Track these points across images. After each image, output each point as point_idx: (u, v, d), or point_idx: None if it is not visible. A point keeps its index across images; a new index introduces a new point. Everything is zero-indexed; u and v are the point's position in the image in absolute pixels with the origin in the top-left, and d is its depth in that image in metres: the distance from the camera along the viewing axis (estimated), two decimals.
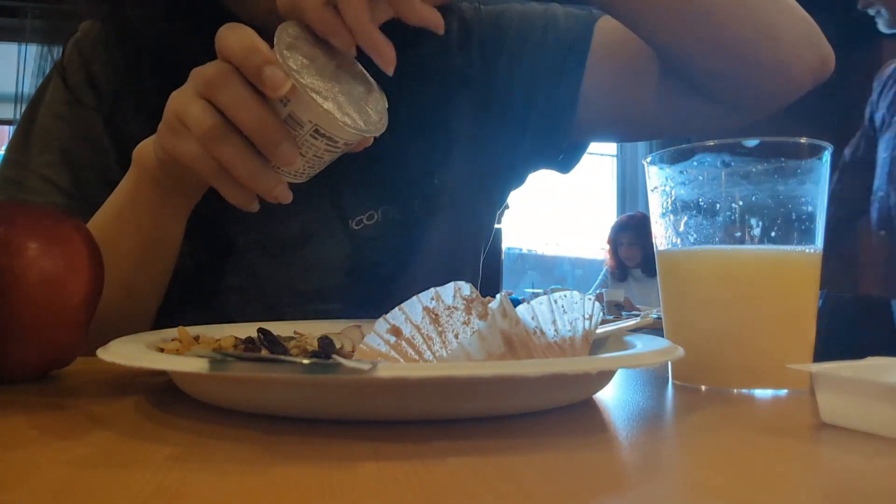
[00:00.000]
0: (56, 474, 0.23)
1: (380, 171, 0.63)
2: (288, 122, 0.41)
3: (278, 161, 0.41)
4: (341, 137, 0.41)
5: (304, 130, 0.41)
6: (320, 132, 0.41)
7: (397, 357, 0.35)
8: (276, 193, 0.43)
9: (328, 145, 0.42)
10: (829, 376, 0.30)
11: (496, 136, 0.68)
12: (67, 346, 0.39)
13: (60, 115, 0.64)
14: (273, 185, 0.43)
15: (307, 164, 0.43)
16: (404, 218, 0.64)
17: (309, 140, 0.41)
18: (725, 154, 0.41)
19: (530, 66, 0.66)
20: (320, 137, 0.41)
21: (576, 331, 0.36)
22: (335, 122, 0.40)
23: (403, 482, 0.22)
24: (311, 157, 0.42)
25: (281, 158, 0.41)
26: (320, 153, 0.43)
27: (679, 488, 0.23)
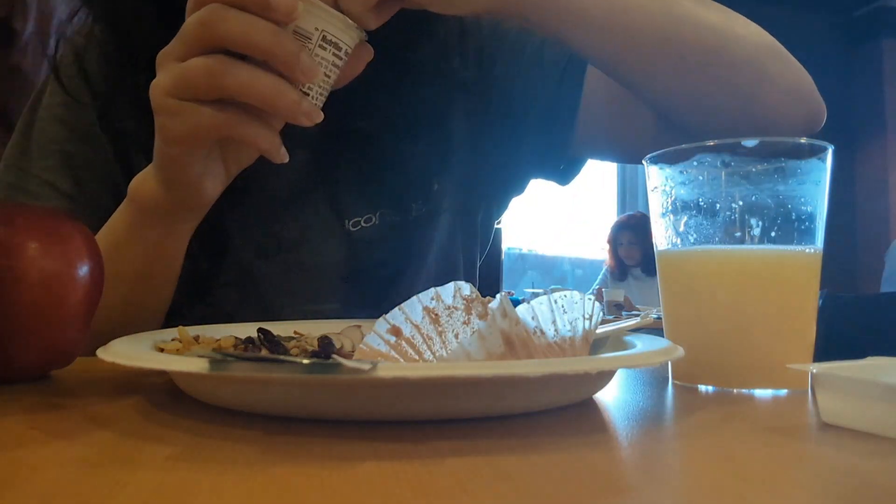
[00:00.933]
0: (56, 474, 0.23)
1: (378, 175, 0.63)
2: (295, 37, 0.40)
3: (302, 74, 0.40)
4: (344, 42, 0.41)
5: (312, 42, 0.41)
6: (327, 39, 0.41)
7: (397, 357, 0.35)
8: (304, 108, 0.41)
9: (335, 56, 0.42)
10: (829, 376, 0.30)
11: (494, 142, 0.68)
12: (67, 346, 0.39)
13: (59, 118, 0.64)
14: (298, 97, 0.41)
15: (321, 87, 0.42)
16: (402, 222, 0.64)
17: (319, 53, 0.41)
18: (725, 154, 0.41)
19: (528, 74, 0.66)
20: (327, 46, 0.41)
21: (576, 331, 0.36)
22: (340, 22, 0.40)
23: (403, 482, 0.22)
24: (322, 76, 0.42)
25: (304, 70, 0.40)
26: (328, 68, 0.42)
27: (679, 488, 0.23)
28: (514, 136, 0.68)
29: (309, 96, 0.42)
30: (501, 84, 0.67)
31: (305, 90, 0.42)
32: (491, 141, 0.68)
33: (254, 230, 0.63)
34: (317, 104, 0.43)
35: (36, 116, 0.65)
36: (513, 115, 0.67)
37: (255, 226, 0.63)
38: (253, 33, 0.39)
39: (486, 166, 0.70)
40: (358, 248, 0.63)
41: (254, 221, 0.63)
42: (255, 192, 0.62)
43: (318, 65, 0.41)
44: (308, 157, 0.64)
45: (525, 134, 0.67)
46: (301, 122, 0.41)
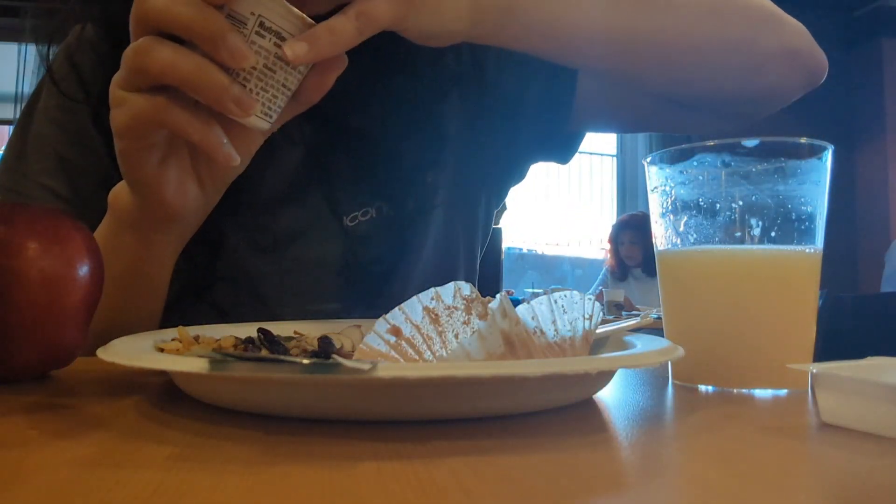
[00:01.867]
0: (56, 474, 0.23)
1: (374, 168, 0.63)
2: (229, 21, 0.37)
3: (228, 54, 0.37)
4: (289, 32, 0.38)
5: (247, 28, 0.37)
6: (266, 26, 0.38)
7: (397, 357, 0.35)
8: (233, 93, 0.38)
9: (277, 47, 0.38)
10: (829, 376, 0.30)
11: (492, 131, 0.68)
12: (67, 346, 0.39)
13: (55, 121, 0.64)
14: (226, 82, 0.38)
15: (261, 80, 0.39)
16: (399, 214, 0.64)
17: (255, 40, 0.38)
18: (725, 154, 0.41)
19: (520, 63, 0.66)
20: (266, 34, 0.38)
21: (576, 331, 0.36)
22: (278, 7, 0.37)
23: (403, 482, 0.22)
24: (262, 67, 0.39)
25: (231, 49, 0.37)
26: (269, 59, 0.39)
27: (679, 488, 0.23)
28: (511, 121, 0.68)
29: (246, 88, 0.39)
30: (497, 73, 0.67)
31: (242, 80, 0.39)
32: (488, 130, 0.68)
33: (250, 227, 0.63)
34: (257, 99, 0.39)
35: (32, 119, 0.65)
36: (510, 101, 0.67)
37: (251, 222, 0.63)
38: (177, 8, 0.37)
39: (485, 156, 0.70)
40: (354, 243, 0.63)
41: (250, 218, 0.63)
42: (251, 188, 0.62)
43: (256, 52, 0.38)
44: (303, 154, 0.64)
45: (523, 117, 0.67)
46: (230, 109, 0.38)
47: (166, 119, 0.40)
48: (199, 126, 0.40)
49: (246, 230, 0.63)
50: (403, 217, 0.64)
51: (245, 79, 0.39)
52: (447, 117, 0.67)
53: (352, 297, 0.64)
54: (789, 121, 4.22)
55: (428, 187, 0.65)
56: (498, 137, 0.69)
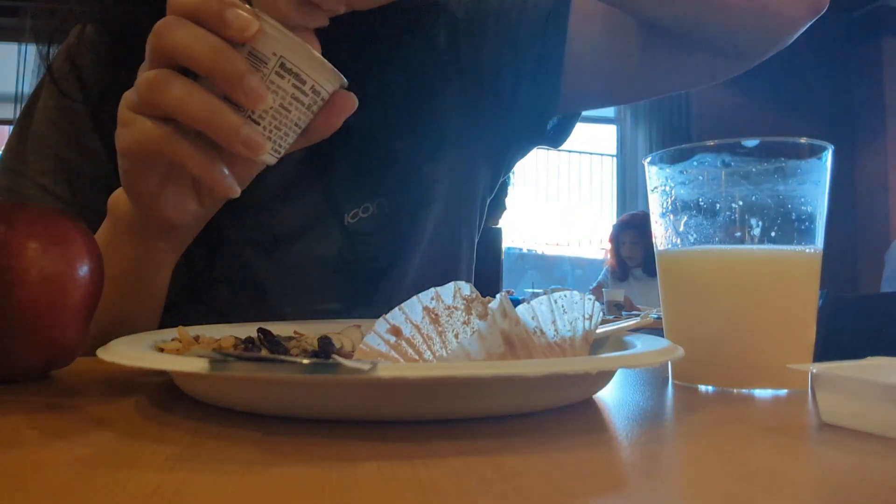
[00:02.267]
0: (56, 474, 0.23)
1: (372, 165, 0.63)
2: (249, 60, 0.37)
3: (245, 95, 0.37)
4: (311, 77, 0.38)
5: (268, 67, 0.37)
6: (287, 67, 0.37)
7: (397, 357, 0.35)
8: (244, 134, 0.38)
9: (296, 89, 0.38)
10: (829, 376, 0.30)
11: (487, 117, 0.69)
12: (67, 346, 0.39)
13: (54, 122, 0.64)
14: (238, 122, 0.38)
15: (276, 119, 0.39)
16: (399, 210, 0.64)
17: (275, 80, 0.37)
18: (725, 154, 0.41)
19: (513, 42, 0.66)
20: (286, 75, 0.38)
21: (576, 331, 0.36)
22: (302, 51, 0.37)
23: (403, 482, 0.22)
24: (278, 107, 0.38)
25: (248, 90, 0.37)
26: (287, 100, 0.38)
27: (679, 488, 0.23)
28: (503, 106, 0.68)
29: (259, 126, 0.38)
30: (493, 61, 0.67)
31: (256, 118, 0.38)
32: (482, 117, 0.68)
33: (249, 226, 0.63)
34: (270, 137, 0.39)
35: (31, 120, 0.65)
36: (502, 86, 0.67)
37: (251, 222, 0.63)
38: (196, 46, 0.37)
39: (481, 147, 0.70)
40: (355, 240, 0.63)
41: (249, 217, 0.63)
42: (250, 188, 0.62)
43: (273, 92, 0.38)
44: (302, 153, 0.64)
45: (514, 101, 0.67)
46: (239, 150, 0.38)
47: (168, 150, 0.40)
48: (200, 160, 0.40)
49: (246, 230, 0.63)
50: (403, 212, 0.64)
51: (260, 117, 0.38)
52: (445, 111, 0.67)
53: (353, 294, 0.64)
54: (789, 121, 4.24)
55: (426, 181, 0.66)
56: (494, 128, 0.69)
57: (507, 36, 0.66)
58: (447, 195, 0.68)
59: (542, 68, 0.66)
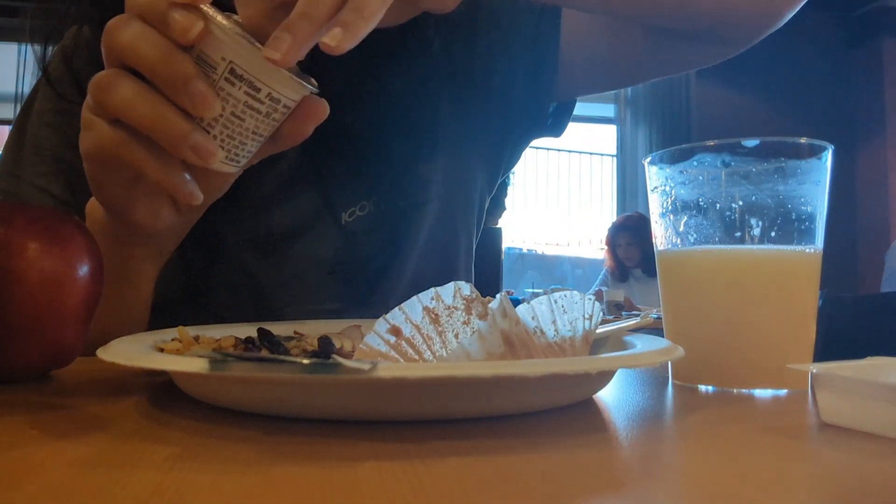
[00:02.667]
0: (56, 474, 0.23)
1: (367, 164, 0.63)
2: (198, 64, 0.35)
3: (190, 100, 0.35)
4: (263, 82, 0.36)
5: (217, 73, 0.35)
6: (236, 73, 0.35)
7: (397, 357, 0.35)
8: (193, 140, 0.36)
9: (249, 97, 0.36)
10: (829, 376, 0.30)
11: (483, 115, 0.69)
12: (67, 346, 0.39)
13: (51, 124, 0.64)
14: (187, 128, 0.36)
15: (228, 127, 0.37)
16: (394, 209, 0.64)
17: (225, 87, 0.35)
18: (725, 154, 0.41)
19: (506, 38, 0.66)
20: (236, 82, 0.35)
21: (576, 331, 0.36)
22: (253, 57, 0.35)
23: (403, 482, 0.22)
24: (230, 115, 0.36)
25: (194, 95, 0.35)
26: (239, 108, 0.36)
27: (679, 488, 0.23)
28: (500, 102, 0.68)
29: (210, 134, 0.36)
30: (487, 59, 0.67)
31: (206, 126, 0.36)
32: (478, 114, 0.68)
33: (247, 227, 0.63)
34: (222, 145, 0.37)
35: (28, 123, 0.65)
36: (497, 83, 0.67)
37: (248, 223, 0.63)
38: (142, 46, 0.35)
39: (479, 146, 0.70)
40: (351, 240, 0.63)
41: (247, 219, 0.63)
42: (246, 190, 0.62)
43: (223, 99, 0.35)
44: (297, 154, 0.64)
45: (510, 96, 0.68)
46: (188, 157, 0.36)
47: (124, 154, 0.38)
48: (156, 165, 0.38)
49: (243, 231, 0.63)
50: (399, 211, 0.64)
51: (210, 125, 0.36)
52: (440, 110, 0.67)
53: (351, 295, 0.64)
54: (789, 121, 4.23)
55: (422, 181, 0.65)
56: (491, 125, 0.69)
57: (500, 31, 0.67)
58: (443, 195, 0.68)
59: (537, 62, 0.66)
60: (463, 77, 0.67)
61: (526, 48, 0.66)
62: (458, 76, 0.67)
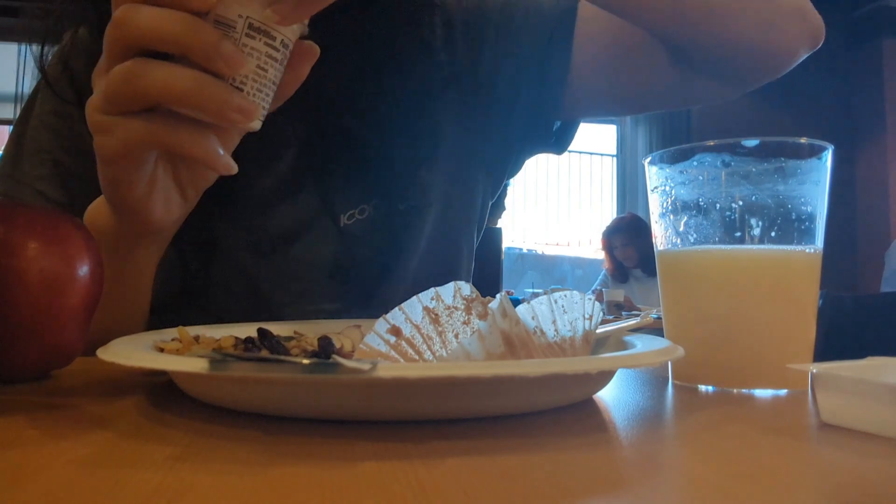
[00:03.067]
0: (56, 474, 0.23)
1: (367, 166, 0.63)
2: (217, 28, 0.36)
3: (225, 63, 0.36)
4: (277, 29, 0.37)
5: (237, 31, 0.36)
6: (254, 26, 0.37)
7: (397, 357, 0.35)
8: (235, 103, 0.36)
9: (268, 46, 0.37)
10: (829, 376, 0.30)
11: (484, 123, 0.68)
12: (67, 346, 0.39)
13: (50, 127, 0.64)
14: (227, 92, 0.36)
15: (256, 81, 0.38)
16: (393, 212, 0.64)
17: (247, 42, 0.37)
18: (725, 154, 0.41)
19: (515, 49, 0.66)
20: (256, 35, 0.37)
21: (576, 331, 0.36)
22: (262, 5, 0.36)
23: (403, 482, 0.22)
24: (256, 68, 0.38)
25: (227, 58, 0.35)
26: (262, 60, 0.38)
27: (679, 488, 0.23)
28: (502, 113, 0.68)
29: (244, 91, 0.38)
30: (488, 66, 0.67)
31: (238, 85, 0.37)
32: (480, 121, 0.68)
33: (245, 228, 0.63)
34: (256, 101, 0.38)
35: (27, 126, 0.65)
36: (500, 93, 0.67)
37: (246, 224, 0.63)
38: (165, 25, 0.35)
39: (481, 152, 0.70)
40: (350, 242, 0.63)
41: (244, 219, 0.63)
42: (245, 191, 0.62)
43: (248, 55, 0.37)
44: (296, 154, 0.64)
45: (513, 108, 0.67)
46: (235, 120, 0.37)
47: (166, 139, 0.38)
48: (200, 141, 0.38)
49: (241, 232, 0.63)
50: (398, 214, 0.64)
51: (241, 82, 0.38)
52: (441, 115, 0.67)
53: (349, 297, 0.63)
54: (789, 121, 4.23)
55: (422, 184, 0.65)
56: (493, 133, 0.69)
57: (508, 42, 0.66)
58: (444, 198, 0.68)
59: (543, 78, 0.65)
60: (466, 83, 0.67)
61: (533, 62, 0.65)
62: (461, 81, 0.67)
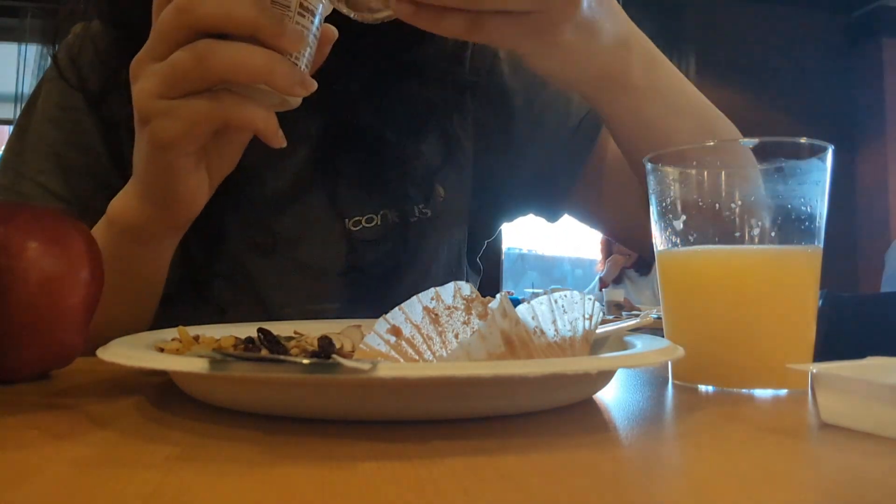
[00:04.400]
0: (56, 474, 0.23)
1: (381, 174, 0.63)
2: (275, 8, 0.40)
3: (290, 42, 0.39)
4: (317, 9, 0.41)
5: (291, 10, 0.40)
6: (304, 6, 0.40)
7: (397, 357, 0.35)
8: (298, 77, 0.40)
9: (313, 24, 0.41)
10: (829, 376, 0.30)
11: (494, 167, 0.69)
12: (67, 346, 0.39)
13: (54, 121, 0.64)
14: (292, 67, 0.40)
15: (307, 57, 0.41)
16: (403, 224, 0.63)
17: (299, 21, 0.40)
18: None
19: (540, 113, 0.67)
20: (306, 14, 0.40)
21: (576, 331, 0.36)
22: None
23: (403, 482, 0.22)
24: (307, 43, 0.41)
25: (291, 37, 0.39)
26: (311, 39, 0.41)
27: (679, 488, 0.23)
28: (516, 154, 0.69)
29: (298, 66, 0.41)
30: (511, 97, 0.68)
31: (294, 60, 0.40)
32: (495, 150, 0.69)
33: (251, 227, 0.62)
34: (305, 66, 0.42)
35: (31, 119, 0.65)
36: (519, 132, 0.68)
37: (252, 222, 0.62)
38: (236, 8, 0.38)
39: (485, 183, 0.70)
40: (357, 248, 0.62)
41: (251, 218, 0.62)
42: (253, 188, 0.62)
43: (302, 32, 0.40)
44: (309, 153, 0.63)
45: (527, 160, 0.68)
46: (298, 92, 0.40)
47: (234, 114, 0.41)
48: (261, 113, 0.41)
49: (247, 229, 0.62)
50: (408, 226, 0.63)
51: (296, 59, 0.40)
52: (459, 127, 0.67)
53: (353, 301, 0.63)
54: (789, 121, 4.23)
55: (435, 198, 0.65)
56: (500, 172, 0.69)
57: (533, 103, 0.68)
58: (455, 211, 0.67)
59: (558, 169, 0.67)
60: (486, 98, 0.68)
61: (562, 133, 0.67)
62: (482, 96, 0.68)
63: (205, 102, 0.40)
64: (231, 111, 0.40)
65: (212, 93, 0.40)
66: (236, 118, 0.41)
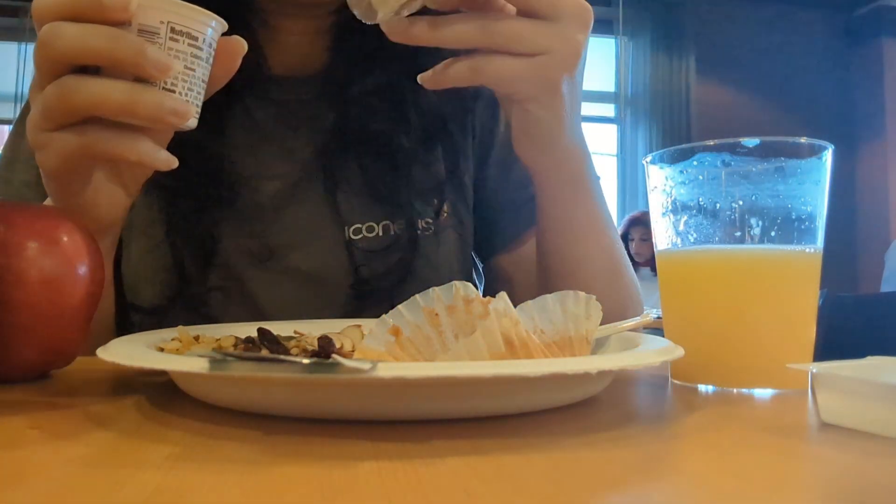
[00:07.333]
0: (56, 474, 0.23)
1: (385, 181, 0.62)
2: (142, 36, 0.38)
3: (154, 68, 0.37)
4: (198, 31, 0.39)
5: (161, 36, 0.38)
6: (177, 30, 0.39)
7: (397, 357, 0.35)
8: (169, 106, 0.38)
9: (192, 47, 0.39)
10: (829, 376, 0.30)
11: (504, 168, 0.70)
12: (67, 346, 0.39)
13: None
14: (159, 97, 0.38)
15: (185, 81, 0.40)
16: (407, 236, 0.62)
17: (172, 46, 0.39)
18: (725, 154, 0.41)
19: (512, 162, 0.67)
20: (180, 38, 0.39)
21: (576, 330, 0.36)
22: (184, 10, 0.39)
23: (403, 482, 0.22)
24: (184, 70, 0.39)
25: (155, 63, 0.37)
26: (189, 60, 0.39)
27: (679, 488, 0.23)
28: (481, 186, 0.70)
29: (175, 93, 0.39)
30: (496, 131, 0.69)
31: (169, 87, 0.39)
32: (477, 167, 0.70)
33: (246, 234, 0.61)
34: (189, 101, 0.40)
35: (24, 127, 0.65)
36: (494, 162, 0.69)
37: (247, 230, 0.61)
38: (91, 40, 0.37)
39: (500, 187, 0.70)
40: (356, 258, 0.61)
41: (245, 226, 0.61)
42: (247, 195, 0.61)
43: (175, 58, 0.38)
44: (313, 153, 0.62)
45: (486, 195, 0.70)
46: (171, 121, 0.39)
47: (102, 149, 0.40)
48: (133, 145, 0.40)
49: (241, 237, 0.61)
50: (412, 238, 0.62)
51: (172, 85, 0.39)
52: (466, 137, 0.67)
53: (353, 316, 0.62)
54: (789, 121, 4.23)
55: (440, 211, 0.64)
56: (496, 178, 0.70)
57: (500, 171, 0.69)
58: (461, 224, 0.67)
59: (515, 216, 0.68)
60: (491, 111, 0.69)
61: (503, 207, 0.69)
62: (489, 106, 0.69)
63: (72, 137, 0.39)
64: (98, 147, 0.39)
65: (81, 127, 0.39)
66: (105, 152, 0.40)
